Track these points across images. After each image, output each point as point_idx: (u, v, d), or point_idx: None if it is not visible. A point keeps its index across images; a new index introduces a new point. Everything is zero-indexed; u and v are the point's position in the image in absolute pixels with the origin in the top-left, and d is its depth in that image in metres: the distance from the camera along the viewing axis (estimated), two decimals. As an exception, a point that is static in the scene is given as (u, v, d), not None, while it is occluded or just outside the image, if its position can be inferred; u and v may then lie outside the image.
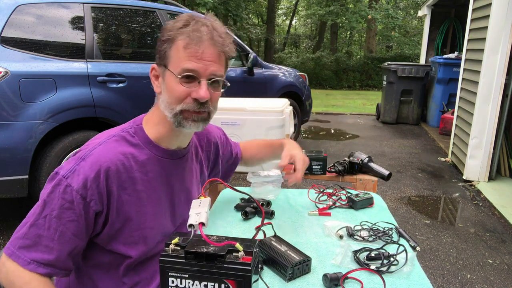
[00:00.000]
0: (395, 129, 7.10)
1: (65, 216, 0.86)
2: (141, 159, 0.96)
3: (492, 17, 3.89)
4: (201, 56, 0.90)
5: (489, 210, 3.54)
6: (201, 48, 0.89)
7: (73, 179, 0.87)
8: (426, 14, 8.17)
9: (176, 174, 1.04)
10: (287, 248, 1.06)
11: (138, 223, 0.95)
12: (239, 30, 15.89)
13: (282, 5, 23.28)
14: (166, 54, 0.92)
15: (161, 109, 0.95)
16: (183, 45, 0.89)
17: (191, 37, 0.89)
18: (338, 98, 11.85)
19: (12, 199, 2.72)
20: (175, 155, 1.03)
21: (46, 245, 0.86)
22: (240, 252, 0.77)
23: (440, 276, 2.50)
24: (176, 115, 0.93)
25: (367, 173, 1.91)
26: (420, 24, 16.79)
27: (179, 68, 0.90)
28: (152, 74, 0.99)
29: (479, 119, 4.11)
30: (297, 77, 5.35)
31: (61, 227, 0.86)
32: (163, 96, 0.95)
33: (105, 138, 0.95)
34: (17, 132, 2.64)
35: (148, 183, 0.97)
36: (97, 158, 0.89)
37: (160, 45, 0.93)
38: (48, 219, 0.86)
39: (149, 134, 0.99)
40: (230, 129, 2.07)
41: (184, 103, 0.92)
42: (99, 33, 3.25)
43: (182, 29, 0.90)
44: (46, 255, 0.86)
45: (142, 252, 0.98)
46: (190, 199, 1.06)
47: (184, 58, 0.90)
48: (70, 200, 0.86)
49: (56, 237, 0.86)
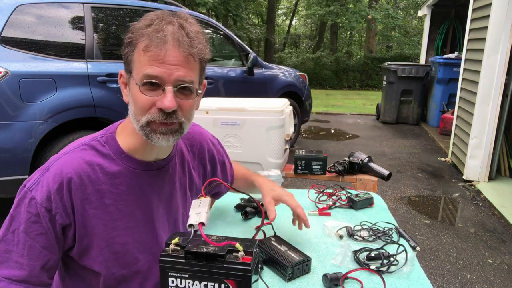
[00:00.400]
0: (395, 129, 7.10)
1: (33, 230, 0.81)
2: (111, 171, 0.88)
3: (492, 17, 3.89)
4: (164, 60, 0.79)
5: (489, 210, 3.54)
6: (162, 50, 0.79)
7: (37, 192, 0.82)
8: (426, 14, 8.17)
9: (153, 187, 0.95)
10: (287, 248, 1.06)
11: (106, 238, 0.88)
12: (239, 30, 15.89)
13: (282, 5, 23.28)
14: (129, 58, 0.84)
15: (131, 120, 0.87)
16: (143, 48, 0.80)
17: (152, 37, 0.79)
18: (338, 98, 11.84)
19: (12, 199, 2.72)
20: (150, 166, 0.94)
21: (16, 261, 0.81)
22: (240, 252, 0.77)
23: (440, 276, 2.50)
24: (143, 127, 0.84)
25: (367, 173, 1.92)
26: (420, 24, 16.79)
27: (140, 75, 0.81)
28: (120, 81, 0.90)
29: (479, 119, 4.11)
30: (297, 77, 5.35)
31: (29, 241, 0.81)
32: (130, 106, 0.87)
33: (72, 147, 0.89)
34: (17, 132, 2.64)
35: (118, 196, 0.89)
36: (60, 169, 0.84)
37: (123, 48, 0.84)
38: (16, 234, 0.82)
39: (122, 144, 0.91)
40: (230, 129, 2.07)
41: (149, 114, 0.82)
42: (99, 33, 3.25)
43: (143, 30, 0.81)
44: (17, 271, 0.81)
45: (114, 269, 0.91)
46: (172, 213, 1.01)
47: (145, 63, 0.80)
48: (35, 213, 0.81)
49: (25, 252, 0.81)
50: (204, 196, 0.89)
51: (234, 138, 2.08)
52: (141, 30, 0.81)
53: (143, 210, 0.94)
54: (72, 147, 0.89)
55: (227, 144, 2.09)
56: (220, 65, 4.40)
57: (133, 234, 0.92)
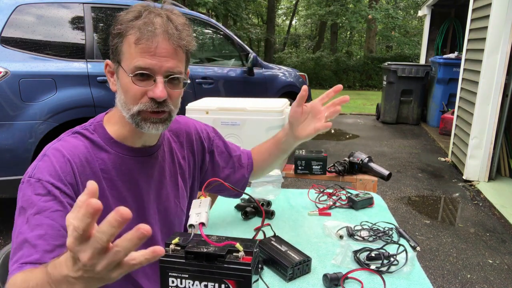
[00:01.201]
0: (395, 129, 7.10)
1: (47, 208, 0.79)
2: (101, 157, 0.90)
3: (492, 17, 3.89)
4: (155, 52, 0.83)
5: (489, 210, 3.54)
6: (154, 43, 0.82)
7: (41, 173, 0.81)
8: (426, 14, 8.17)
9: (143, 173, 0.97)
10: (287, 248, 1.06)
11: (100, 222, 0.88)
12: (239, 30, 15.89)
13: (282, 5, 23.28)
14: (118, 49, 0.86)
15: (119, 108, 0.90)
16: (134, 40, 0.83)
17: (143, 31, 0.82)
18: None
19: (12, 199, 2.72)
20: (139, 152, 0.96)
21: (34, 245, 0.76)
22: (240, 252, 0.77)
23: (440, 276, 2.50)
24: (133, 116, 0.87)
25: (367, 173, 1.91)
26: (420, 24, 16.79)
27: (131, 66, 0.84)
28: (106, 70, 0.93)
29: (479, 119, 4.11)
30: (297, 77, 5.35)
31: (46, 220, 0.78)
32: (119, 95, 0.90)
33: (63, 136, 0.91)
34: (17, 132, 2.64)
35: (110, 182, 0.91)
36: (58, 150, 0.85)
37: (112, 39, 0.87)
38: (30, 220, 0.78)
39: (110, 132, 0.93)
40: (230, 129, 2.07)
41: (141, 103, 0.86)
42: (99, 33, 3.25)
43: (133, 21, 0.84)
44: (38, 255, 0.76)
45: None
46: (162, 201, 1.01)
47: (136, 55, 0.83)
48: (45, 192, 0.80)
49: (43, 232, 0.77)
50: (205, 196, 0.89)
51: (234, 138, 2.08)
52: (131, 22, 0.84)
53: (133, 196, 0.95)
54: (63, 135, 0.91)
55: (227, 144, 2.09)
56: (220, 65, 4.40)
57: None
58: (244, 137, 2.07)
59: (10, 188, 2.65)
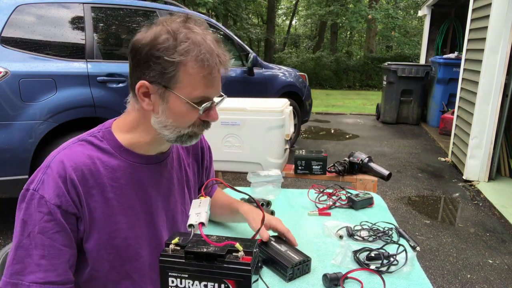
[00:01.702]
0: (395, 129, 7.10)
1: (49, 229, 0.82)
2: (110, 165, 0.90)
3: (492, 17, 3.89)
4: (213, 81, 0.88)
5: (489, 210, 3.54)
6: (215, 74, 0.87)
7: (44, 190, 0.82)
8: (426, 14, 8.17)
9: (152, 180, 0.97)
10: (287, 248, 1.06)
11: (108, 232, 0.89)
12: (239, 30, 15.89)
13: (282, 5, 23.28)
14: (174, 77, 0.85)
15: (155, 128, 0.90)
16: (200, 73, 0.85)
17: (208, 64, 0.85)
18: (338, 98, 11.84)
19: (12, 199, 2.72)
20: (150, 160, 0.96)
21: (38, 264, 0.81)
22: (240, 252, 0.77)
23: (440, 276, 2.50)
24: (181, 136, 0.91)
25: (367, 173, 1.92)
26: (420, 24, 16.79)
27: (194, 95, 0.86)
28: (140, 91, 0.88)
29: (479, 119, 4.11)
30: (297, 77, 5.35)
31: (48, 241, 0.81)
32: (161, 117, 0.88)
33: (70, 143, 0.90)
34: (17, 132, 2.64)
35: (118, 190, 0.91)
36: (61, 163, 0.85)
37: (163, 64, 0.84)
38: (32, 237, 0.81)
39: (120, 140, 0.93)
40: (230, 129, 2.07)
41: (194, 126, 0.91)
42: (99, 33, 3.25)
43: (191, 52, 0.83)
44: (41, 274, 0.81)
45: (116, 263, 0.92)
46: (170, 209, 1.02)
47: (198, 85, 0.86)
48: (47, 212, 0.81)
49: (46, 253, 0.81)
50: (204, 196, 0.89)
51: (234, 138, 2.09)
52: (191, 54, 0.83)
53: (143, 203, 0.95)
54: (70, 143, 0.90)
55: (227, 144, 2.10)
56: None
57: (134, 228, 0.93)
58: (244, 137, 2.07)
59: (10, 188, 2.65)
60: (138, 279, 0.96)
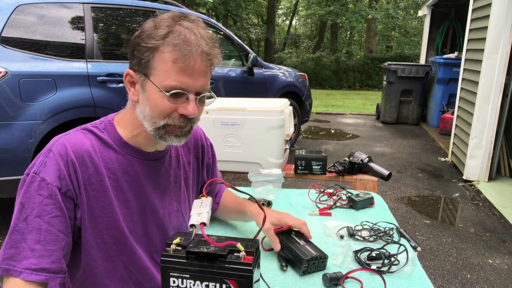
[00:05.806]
0: (395, 129, 7.11)
1: (47, 213, 0.80)
2: (108, 156, 0.90)
3: (492, 17, 3.89)
4: (191, 71, 0.83)
5: (489, 210, 3.54)
6: (191, 62, 0.82)
7: (45, 173, 0.81)
8: (426, 14, 8.17)
9: (149, 177, 0.96)
10: (305, 243, 1.07)
11: (106, 222, 0.89)
12: (239, 30, 15.89)
13: (282, 5, 23.28)
14: (149, 63, 0.84)
15: (139, 119, 0.90)
16: (172, 59, 0.82)
17: (181, 50, 0.81)
18: (338, 98, 11.84)
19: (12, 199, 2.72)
20: (148, 156, 0.96)
21: (32, 249, 0.79)
22: (241, 252, 0.76)
23: (440, 276, 2.50)
24: (158, 129, 0.88)
25: (367, 173, 1.91)
26: (420, 24, 16.80)
27: (166, 83, 0.83)
28: (127, 80, 0.90)
29: (479, 119, 4.11)
30: (297, 77, 5.35)
31: (45, 226, 0.79)
32: (141, 107, 0.88)
33: (72, 130, 0.91)
34: (17, 132, 2.64)
35: (115, 182, 0.90)
36: (64, 146, 0.85)
37: (141, 51, 0.84)
38: (29, 221, 0.79)
39: (120, 133, 0.93)
40: (230, 129, 2.07)
41: (169, 118, 0.87)
42: (99, 33, 3.25)
43: (167, 38, 0.82)
44: (34, 259, 0.78)
45: (112, 253, 0.91)
46: (166, 207, 1.01)
47: (172, 73, 0.82)
48: (47, 194, 0.80)
49: (41, 237, 0.79)
50: (206, 196, 0.89)
51: (234, 138, 2.08)
52: (166, 39, 0.82)
53: (137, 198, 0.95)
54: (72, 130, 0.91)
55: (227, 144, 2.09)
56: (220, 65, 4.40)
57: (127, 221, 0.93)
58: (244, 137, 2.07)
59: (10, 188, 2.65)
60: (135, 272, 0.96)
